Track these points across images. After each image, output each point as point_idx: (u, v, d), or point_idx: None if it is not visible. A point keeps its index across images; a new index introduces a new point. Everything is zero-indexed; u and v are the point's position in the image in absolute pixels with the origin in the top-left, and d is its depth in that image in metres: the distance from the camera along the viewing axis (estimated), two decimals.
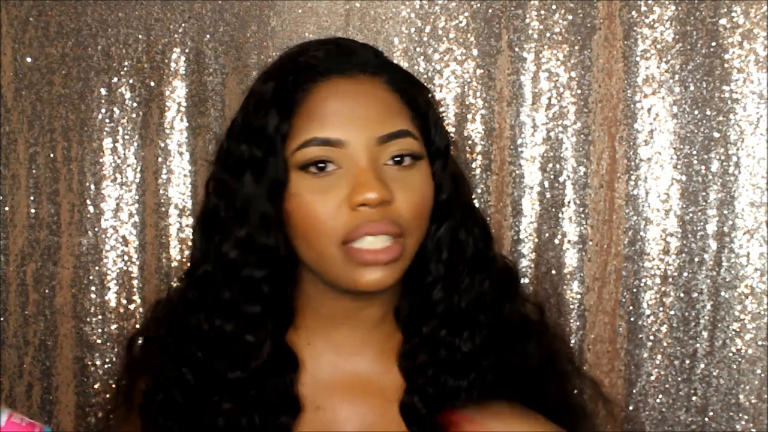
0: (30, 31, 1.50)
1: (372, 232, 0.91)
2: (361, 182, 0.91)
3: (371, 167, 0.92)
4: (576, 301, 1.47)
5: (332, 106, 0.94)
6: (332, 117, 0.93)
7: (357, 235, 0.92)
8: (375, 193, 0.90)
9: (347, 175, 0.93)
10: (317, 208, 0.92)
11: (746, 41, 1.40)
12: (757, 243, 1.42)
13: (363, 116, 0.93)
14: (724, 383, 1.44)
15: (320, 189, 0.93)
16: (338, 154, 0.93)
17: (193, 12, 1.49)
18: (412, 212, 0.94)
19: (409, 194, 0.94)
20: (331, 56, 0.98)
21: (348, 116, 0.93)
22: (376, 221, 0.91)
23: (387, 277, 0.93)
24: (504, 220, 1.47)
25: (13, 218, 1.52)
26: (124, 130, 1.51)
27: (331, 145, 0.92)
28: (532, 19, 1.45)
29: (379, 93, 0.96)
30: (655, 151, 1.44)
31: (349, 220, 0.92)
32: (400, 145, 0.94)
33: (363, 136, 0.93)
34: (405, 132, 0.94)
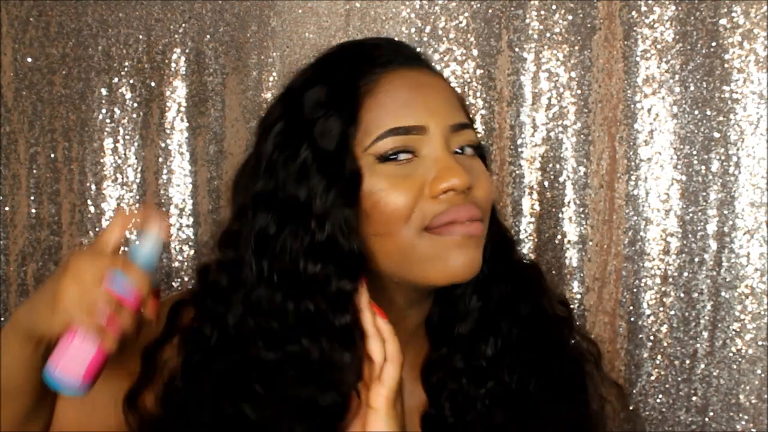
0: (30, 31, 1.50)
1: (460, 218, 0.90)
2: (445, 168, 0.89)
3: (449, 154, 0.91)
4: (576, 301, 1.47)
5: (406, 95, 0.92)
6: (409, 105, 0.92)
7: (443, 221, 0.89)
8: (461, 178, 0.89)
9: (425, 162, 0.91)
10: (398, 197, 0.89)
11: (746, 41, 1.40)
12: (757, 243, 1.42)
13: (437, 104, 0.93)
14: (724, 383, 1.44)
15: (398, 178, 0.90)
16: (417, 142, 0.91)
17: (194, 12, 1.49)
18: (486, 199, 0.93)
19: (483, 181, 0.93)
20: (387, 49, 0.97)
21: (424, 103, 0.92)
22: (464, 205, 0.90)
23: (476, 260, 0.91)
24: (504, 220, 1.47)
25: (14, 218, 1.52)
26: (125, 130, 1.51)
27: (410, 134, 0.91)
28: (532, 19, 1.45)
29: (440, 84, 0.97)
30: (655, 151, 1.44)
31: (433, 206, 0.89)
32: (467, 136, 0.94)
33: (441, 123, 0.92)
34: (468, 125, 0.95)
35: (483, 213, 0.92)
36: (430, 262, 0.90)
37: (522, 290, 1.03)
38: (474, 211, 0.90)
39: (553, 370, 1.01)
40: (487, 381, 0.98)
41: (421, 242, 0.90)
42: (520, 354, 0.99)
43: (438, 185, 0.89)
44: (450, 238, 0.89)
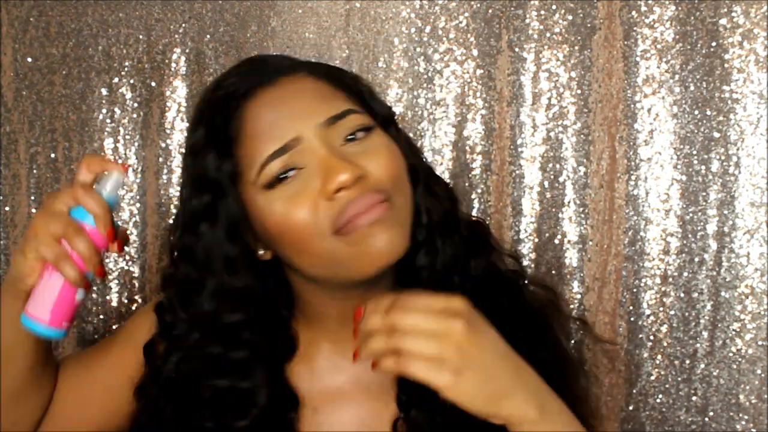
0: (30, 32, 1.50)
1: (359, 210, 0.90)
2: (328, 169, 0.90)
3: (331, 153, 0.91)
4: (576, 301, 1.47)
5: (270, 116, 0.93)
6: (275, 124, 0.92)
7: (345, 220, 0.90)
8: (346, 172, 0.89)
9: (311, 169, 0.91)
10: (296, 213, 0.91)
11: (746, 41, 1.40)
12: (757, 243, 1.42)
13: (302, 108, 0.93)
14: (724, 383, 1.44)
15: (291, 195, 0.91)
16: (298, 155, 0.92)
17: (194, 12, 1.49)
18: (388, 174, 0.92)
19: (377, 159, 0.92)
20: (246, 75, 0.98)
21: (289, 115, 0.92)
22: (360, 197, 0.90)
23: (396, 237, 0.91)
24: (504, 220, 1.47)
25: (14, 218, 1.52)
26: (125, 130, 1.51)
27: (287, 150, 0.91)
28: (532, 19, 1.45)
29: (306, 85, 0.95)
30: (655, 151, 1.44)
31: (332, 209, 0.90)
32: (347, 124, 0.93)
33: (310, 125, 0.92)
34: (346, 111, 0.94)
35: (387, 191, 0.92)
36: (352, 260, 0.91)
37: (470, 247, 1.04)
38: (372, 197, 0.90)
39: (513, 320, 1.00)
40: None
41: (336, 246, 0.91)
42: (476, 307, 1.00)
43: (327, 187, 0.90)
44: (359, 232, 0.90)
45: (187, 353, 1.00)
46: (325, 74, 0.98)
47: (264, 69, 0.97)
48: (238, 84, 0.96)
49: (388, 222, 0.90)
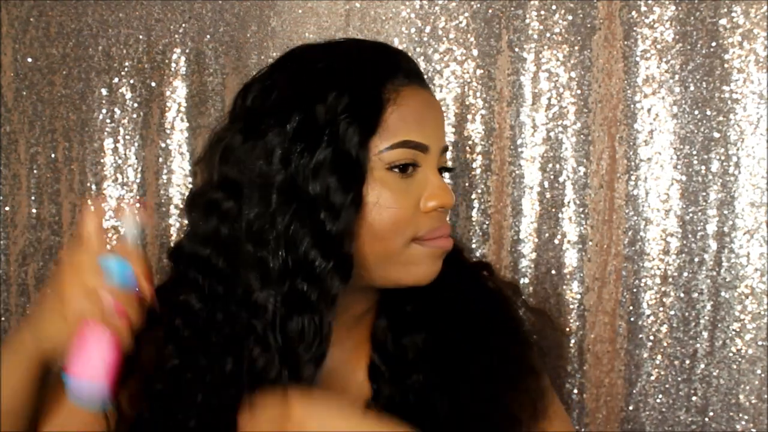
0: (31, 32, 1.50)
1: (442, 233, 0.98)
2: (439, 188, 0.97)
3: (440, 174, 0.99)
4: (576, 301, 1.47)
5: (421, 112, 0.97)
6: (421, 122, 0.97)
7: (433, 236, 0.97)
8: (451, 200, 0.97)
9: (420, 178, 0.97)
10: (399, 211, 0.95)
11: (746, 41, 1.40)
12: (757, 243, 1.42)
13: (437, 126, 0.99)
14: (724, 383, 1.44)
15: (400, 191, 0.96)
16: (420, 158, 0.97)
17: (194, 12, 1.49)
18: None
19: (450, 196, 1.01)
20: (407, 62, 1.01)
21: (431, 124, 0.98)
22: (445, 224, 0.99)
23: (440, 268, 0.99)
24: (504, 220, 1.47)
25: (14, 218, 1.52)
26: (125, 131, 1.51)
27: (417, 149, 0.96)
28: (532, 19, 1.45)
29: (440, 108, 1.02)
30: (655, 151, 1.44)
31: (426, 222, 0.97)
32: (446, 160, 1.01)
33: (438, 144, 0.98)
34: (448, 148, 1.03)
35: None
36: (411, 266, 0.97)
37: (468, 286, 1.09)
38: (448, 228, 0.99)
39: (472, 312, 1.06)
40: (414, 333, 1.03)
41: (408, 250, 0.96)
42: (442, 302, 1.05)
43: (432, 203, 0.96)
44: (432, 249, 0.97)
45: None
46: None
47: (417, 67, 1.01)
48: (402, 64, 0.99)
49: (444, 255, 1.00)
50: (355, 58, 0.98)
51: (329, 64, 0.97)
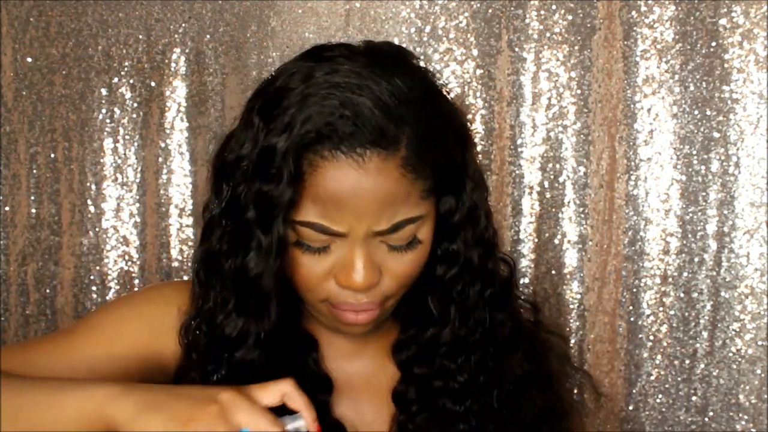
0: (30, 32, 1.50)
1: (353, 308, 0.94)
2: (351, 268, 0.91)
3: (364, 253, 0.91)
4: (576, 301, 1.47)
5: (339, 197, 0.88)
6: (337, 208, 0.89)
7: (341, 308, 0.95)
8: (362, 282, 0.91)
9: (340, 251, 0.92)
10: (308, 273, 0.93)
11: (746, 41, 1.40)
12: (757, 243, 1.42)
13: (365, 210, 0.89)
14: (724, 383, 1.44)
15: (314, 257, 0.92)
16: (336, 240, 0.91)
17: (193, 12, 1.49)
18: (398, 285, 0.95)
19: (399, 272, 0.94)
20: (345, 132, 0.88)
21: (351, 210, 0.89)
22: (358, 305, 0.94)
23: (367, 329, 0.98)
24: (504, 220, 1.47)
25: (14, 218, 1.52)
26: (125, 130, 1.51)
27: (331, 235, 0.90)
28: (532, 19, 1.45)
29: (386, 181, 0.89)
30: (655, 151, 1.44)
31: (335, 292, 0.93)
32: (399, 235, 0.92)
33: (362, 229, 0.90)
34: (405, 222, 0.91)
35: (386, 297, 0.95)
36: (327, 320, 0.98)
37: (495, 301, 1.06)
38: (369, 306, 0.94)
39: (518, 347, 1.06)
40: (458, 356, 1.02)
41: (321, 306, 0.96)
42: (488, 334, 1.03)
43: (341, 281, 0.92)
44: (342, 316, 0.95)
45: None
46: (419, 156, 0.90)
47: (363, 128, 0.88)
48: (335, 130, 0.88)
49: (368, 324, 0.96)
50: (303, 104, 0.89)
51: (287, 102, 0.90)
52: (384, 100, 0.89)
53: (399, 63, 0.94)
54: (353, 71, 0.89)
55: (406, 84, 0.91)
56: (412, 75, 0.93)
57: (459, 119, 0.99)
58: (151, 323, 1.02)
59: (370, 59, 0.92)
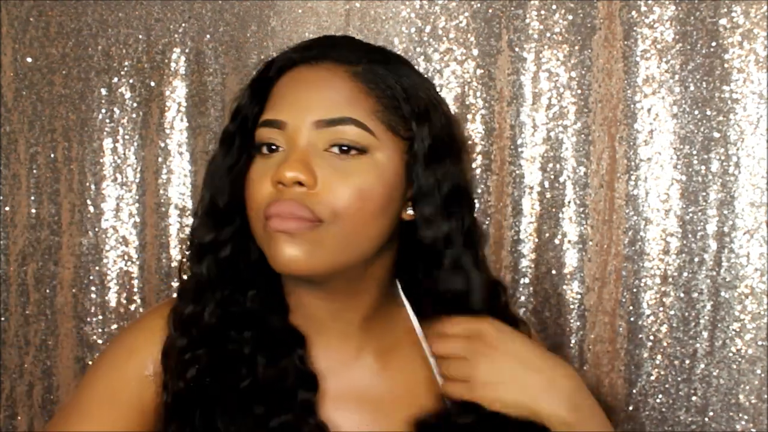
0: (30, 31, 1.50)
1: (278, 212, 0.91)
2: (284, 161, 0.91)
3: (305, 150, 0.92)
4: (576, 301, 1.47)
5: (285, 91, 0.95)
6: (280, 100, 0.94)
7: (267, 213, 0.92)
8: (290, 172, 0.90)
9: (284, 154, 0.93)
10: (254, 186, 0.94)
11: (746, 41, 1.40)
12: (757, 243, 1.42)
13: (306, 99, 0.93)
14: (724, 383, 1.44)
15: (263, 168, 0.94)
16: (281, 136, 0.93)
17: (193, 12, 1.49)
18: (341, 203, 0.91)
19: (341, 184, 0.91)
20: (309, 48, 0.99)
21: (292, 99, 0.94)
22: (286, 201, 0.90)
23: (302, 257, 0.91)
24: (504, 220, 1.47)
25: (14, 218, 1.52)
26: (125, 130, 1.51)
27: (274, 127, 0.93)
28: (532, 19, 1.45)
29: (335, 80, 0.94)
30: (655, 151, 1.44)
31: (268, 197, 0.92)
32: (340, 134, 0.92)
33: (301, 118, 0.92)
34: (349, 119, 0.92)
35: (323, 216, 0.91)
36: (268, 252, 0.93)
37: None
38: (297, 209, 0.90)
39: None
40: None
41: (264, 233, 0.93)
42: None
43: (273, 177, 0.92)
44: (271, 231, 0.92)
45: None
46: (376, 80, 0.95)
47: (326, 49, 0.98)
48: (298, 51, 0.99)
49: (299, 239, 0.91)
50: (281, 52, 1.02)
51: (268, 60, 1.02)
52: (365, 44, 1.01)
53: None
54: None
55: (392, 54, 1.01)
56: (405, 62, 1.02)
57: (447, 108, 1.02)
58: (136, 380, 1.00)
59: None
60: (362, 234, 0.93)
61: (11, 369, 1.53)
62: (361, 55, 0.97)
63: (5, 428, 1.54)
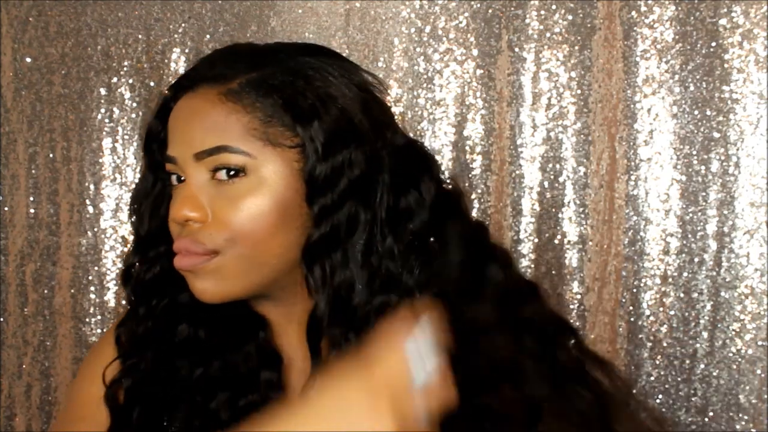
0: (30, 31, 1.50)
1: (177, 248, 0.93)
2: (173, 202, 0.94)
3: (193, 184, 0.93)
4: (576, 301, 1.47)
5: (172, 124, 0.95)
6: (170, 134, 0.95)
7: (174, 249, 0.94)
8: (178, 212, 0.92)
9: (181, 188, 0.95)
10: (169, 222, 0.95)
11: (746, 41, 1.41)
12: (757, 243, 1.42)
13: (183, 133, 0.94)
14: (724, 383, 1.44)
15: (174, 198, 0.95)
16: (178, 169, 0.94)
17: (193, 12, 1.49)
18: (233, 229, 0.91)
19: (230, 210, 0.92)
20: (192, 71, 0.98)
21: (176, 134, 0.94)
22: (180, 238, 0.93)
23: (210, 288, 0.93)
24: (504, 220, 1.47)
25: (13, 218, 1.51)
26: (124, 130, 1.51)
27: (170, 162, 0.95)
28: (532, 19, 1.45)
29: (205, 106, 0.94)
30: (655, 151, 1.44)
31: (176, 230, 0.94)
32: (218, 162, 0.92)
33: (185, 153, 0.93)
34: (220, 148, 0.92)
35: (219, 245, 0.91)
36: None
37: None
38: (191, 246, 0.92)
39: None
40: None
41: None
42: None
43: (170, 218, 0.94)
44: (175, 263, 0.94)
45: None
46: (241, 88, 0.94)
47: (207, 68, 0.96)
48: (188, 74, 0.98)
49: (201, 273, 0.92)
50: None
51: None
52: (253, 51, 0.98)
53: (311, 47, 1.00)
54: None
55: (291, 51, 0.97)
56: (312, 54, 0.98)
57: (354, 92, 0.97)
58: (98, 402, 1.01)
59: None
60: (264, 253, 0.93)
61: (9, 369, 1.53)
62: (240, 67, 0.95)
63: (4, 429, 1.54)
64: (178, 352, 0.99)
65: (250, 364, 0.98)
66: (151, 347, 1.00)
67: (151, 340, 1.00)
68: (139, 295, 1.02)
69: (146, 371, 0.99)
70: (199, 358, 0.98)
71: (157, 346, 1.00)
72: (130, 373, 1.00)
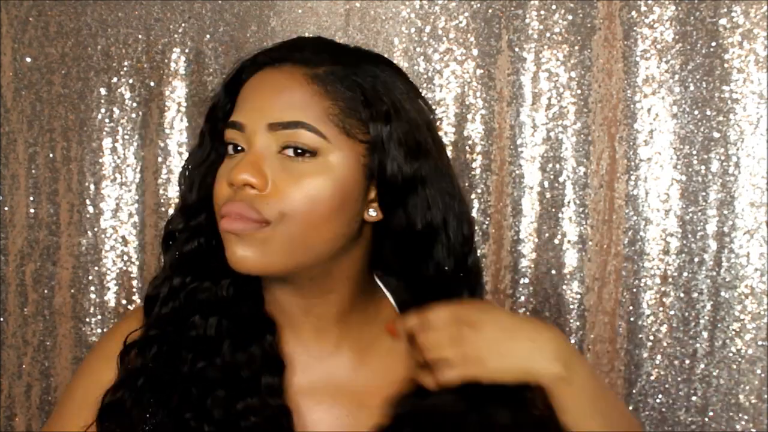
0: (30, 31, 1.50)
1: (228, 211, 0.93)
2: (237, 163, 0.94)
3: (259, 152, 0.94)
4: (576, 301, 1.47)
5: (246, 94, 0.98)
6: (242, 103, 0.97)
7: (220, 213, 0.95)
8: (239, 174, 0.92)
9: (244, 154, 0.96)
10: (216, 184, 0.97)
11: (746, 41, 1.41)
12: (757, 243, 1.42)
13: (262, 103, 0.95)
14: (724, 383, 1.44)
15: (226, 168, 0.96)
16: (241, 137, 0.95)
17: (193, 12, 1.49)
18: (289, 205, 0.92)
19: (291, 187, 0.93)
20: (274, 50, 1.00)
21: (251, 102, 0.96)
22: (236, 202, 0.93)
23: (251, 256, 0.93)
24: (504, 220, 1.47)
25: (13, 218, 1.51)
26: (124, 130, 1.51)
27: (236, 129, 0.96)
28: (532, 19, 1.45)
29: (292, 83, 0.96)
30: (655, 151, 1.44)
31: (225, 195, 0.95)
32: (292, 137, 0.93)
33: (257, 121, 0.95)
34: (300, 123, 0.93)
35: (272, 218, 0.93)
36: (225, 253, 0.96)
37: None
38: (246, 211, 0.93)
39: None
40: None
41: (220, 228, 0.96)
42: None
43: (227, 178, 0.95)
44: (221, 230, 0.95)
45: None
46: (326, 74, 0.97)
47: (291, 51, 0.99)
48: (267, 53, 1.00)
49: (247, 240, 0.93)
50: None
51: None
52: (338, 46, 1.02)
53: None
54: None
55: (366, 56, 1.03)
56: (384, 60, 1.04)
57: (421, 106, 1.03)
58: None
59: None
60: (313, 236, 0.94)
61: (10, 369, 1.53)
62: (326, 57, 0.98)
63: (4, 429, 1.54)
64: (186, 342, 1.00)
65: (253, 367, 0.98)
66: (170, 326, 1.01)
67: (171, 321, 1.01)
68: (176, 266, 1.02)
69: (156, 353, 1.00)
70: (204, 352, 0.99)
71: (173, 329, 1.01)
72: (147, 345, 1.00)
